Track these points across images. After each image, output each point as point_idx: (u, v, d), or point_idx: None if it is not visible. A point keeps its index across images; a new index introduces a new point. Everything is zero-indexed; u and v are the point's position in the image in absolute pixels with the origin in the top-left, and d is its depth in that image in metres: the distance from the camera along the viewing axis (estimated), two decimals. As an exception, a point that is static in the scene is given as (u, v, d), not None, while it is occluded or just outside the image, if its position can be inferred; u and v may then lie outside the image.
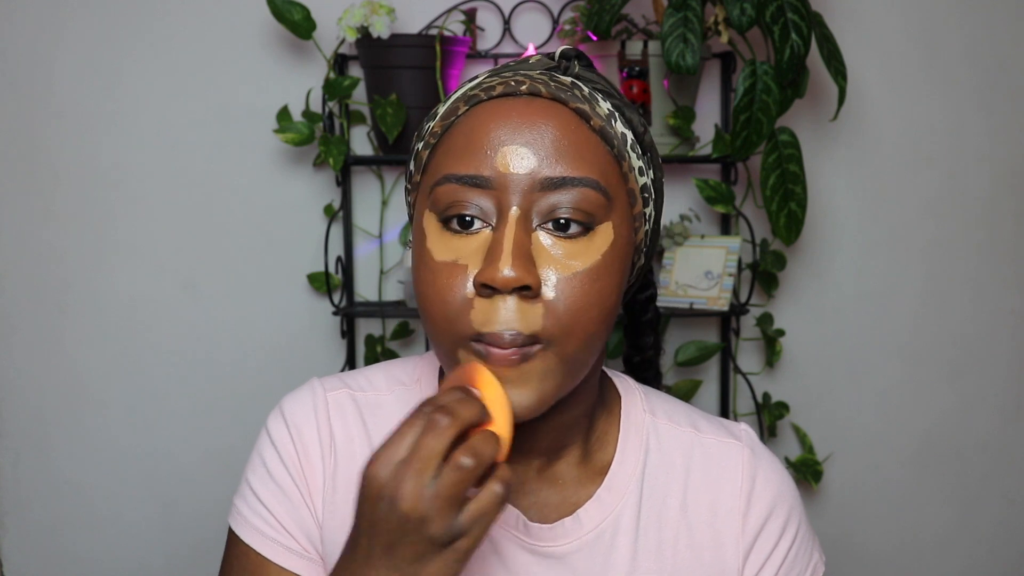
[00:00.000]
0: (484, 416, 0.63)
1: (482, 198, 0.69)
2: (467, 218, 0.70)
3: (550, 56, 0.76)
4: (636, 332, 0.99)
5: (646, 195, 0.75)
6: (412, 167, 0.77)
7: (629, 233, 0.73)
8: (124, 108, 1.78)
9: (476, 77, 0.76)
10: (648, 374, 1.00)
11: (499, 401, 0.65)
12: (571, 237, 0.69)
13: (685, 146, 1.73)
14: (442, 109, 0.75)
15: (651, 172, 0.76)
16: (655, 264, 1.04)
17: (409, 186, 0.79)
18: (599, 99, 0.73)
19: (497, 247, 0.67)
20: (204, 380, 1.84)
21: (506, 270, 0.66)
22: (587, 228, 0.69)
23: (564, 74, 0.75)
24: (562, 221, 0.69)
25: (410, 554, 0.61)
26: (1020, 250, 1.90)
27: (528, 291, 0.67)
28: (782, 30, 1.52)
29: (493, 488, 0.62)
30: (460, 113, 0.73)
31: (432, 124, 0.74)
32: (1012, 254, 1.90)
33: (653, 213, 0.77)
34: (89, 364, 1.83)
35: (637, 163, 0.74)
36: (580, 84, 0.73)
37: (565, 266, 0.69)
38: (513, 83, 0.72)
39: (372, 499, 0.61)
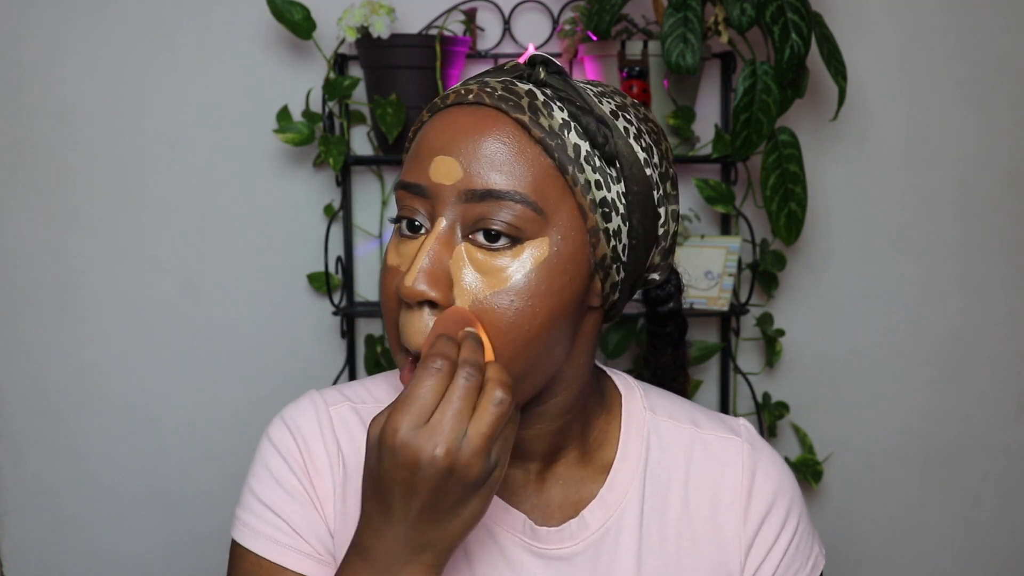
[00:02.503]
0: (484, 351, 0.66)
1: (422, 206, 0.70)
2: (416, 223, 0.71)
3: (528, 63, 0.75)
4: (654, 345, 0.99)
5: (606, 209, 0.71)
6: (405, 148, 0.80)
7: (577, 249, 0.70)
8: (124, 108, 1.78)
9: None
10: (667, 385, 0.99)
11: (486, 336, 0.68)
12: (497, 251, 0.68)
13: (685, 146, 1.73)
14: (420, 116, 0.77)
15: (621, 184, 0.72)
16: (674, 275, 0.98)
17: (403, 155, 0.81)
18: (554, 108, 0.71)
19: (414, 259, 0.68)
20: (204, 380, 1.84)
21: (411, 282, 0.67)
22: (516, 240, 0.68)
23: (527, 80, 0.73)
24: (492, 232, 0.68)
25: (451, 502, 0.64)
26: (1020, 250, 1.90)
27: (435, 306, 0.68)
28: (782, 30, 1.52)
29: (499, 398, 0.63)
30: (424, 120, 0.74)
31: (411, 130, 0.77)
32: (1012, 254, 1.90)
33: (627, 227, 0.73)
34: (89, 363, 1.83)
35: (593, 176, 0.70)
36: (536, 92, 0.71)
37: (487, 283, 0.68)
38: (464, 91, 0.72)
39: (408, 465, 0.62)
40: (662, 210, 0.77)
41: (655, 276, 0.81)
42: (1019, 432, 1.94)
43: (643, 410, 0.85)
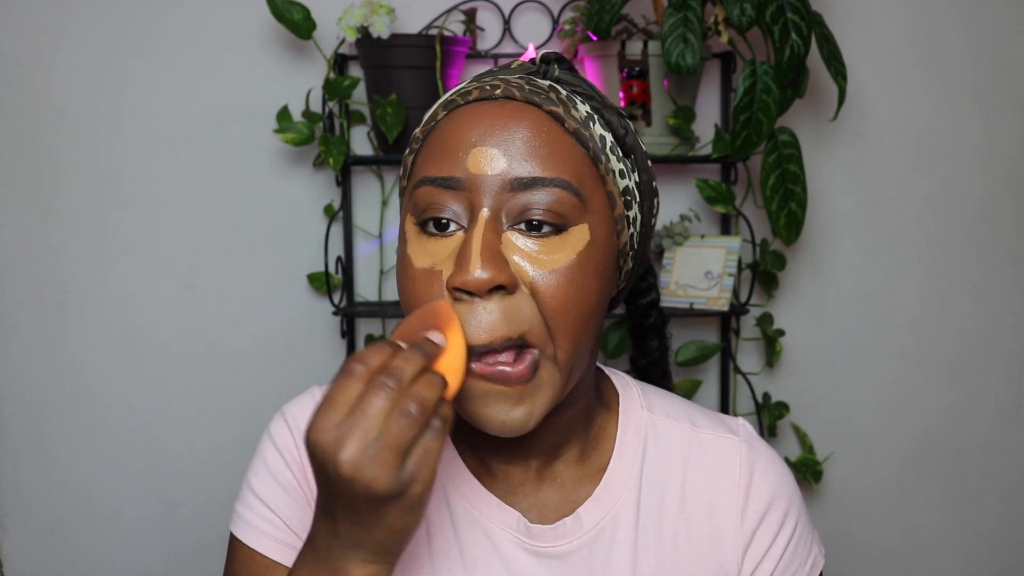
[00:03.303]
0: (428, 361, 0.63)
1: (455, 200, 0.69)
2: (443, 221, 0.70)
3: (532, 61, 0.77)
4: (640, 336, 1.00)
5: (628, 198, 0.74)
6: (401, 172, 0.79)
7: (609, 236, 0.73)
8: (124, 108, 1.78)
9: (461, 83, 0.78)
10: (655, 375, 1.00)
11: (456, 338, 0.64)
12: (544, 236, 0.69)
13: (685, 146, 1.73)
14: (425, 118, 0.76)
15: (636, 175, 0.76)
16: (655, 265, 1.03)
17: (400, 191, 0.80)
18: (577, 102, 0.73)
19: (467, 249, 0.67)
20: (204, 380, 1.84)
21: (477, 271, 0.66)
22: (560, 229, 0.69)
23: (543, 78, 0.75)
24: (534, 222, 0.69)
25: (367, 509, 0.61)
26: (1020, 250, 1.90)
27: (504, 291, 0.67)
28: (782, 30, 1.52)
29: (433, 424, 0.61)
30: (439, 118, 0.74)
31: (416, 130, 0.76)
32: (1012, 254, 1.90)
33: (639, 216, 0.76)
34: (89, 364, 1.83)
35: (617, 165, 0.73)
36: (558, 87, 0.73)
37: (541, 263, 0.68)
38: (488, 87, 0.72)
39: (319, 465, 0.61)
40: (656, 200, 0.81)
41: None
42: (1019, 432, 1.94)
43: (640, 409, 0.85)
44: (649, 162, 0.79)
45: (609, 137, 0.73)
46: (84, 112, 1.78)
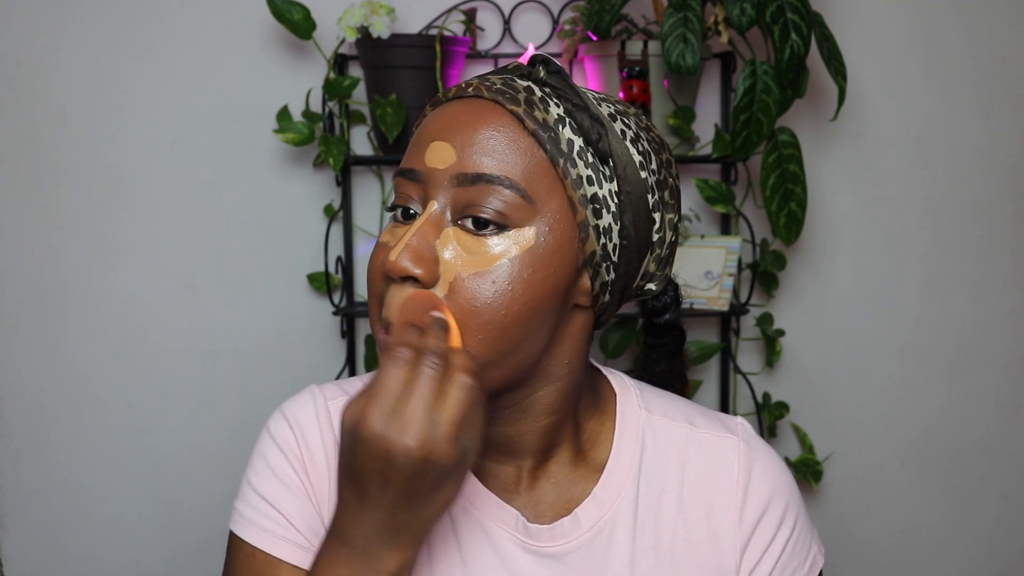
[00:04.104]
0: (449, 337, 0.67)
1: (415, 191, 0.73)
2: (410, 210, 0.73)
3: (530, 62, 0.77)
4: (649, 356, 0.99)
5: (596, 206, 0.72)
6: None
7: (565, 242, 0.71)
8: (124, 108, 1.78)
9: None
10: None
11: (450, 315, 0.69)
12: (482, 235, 0.70)
13: (685, 146, 1.73)
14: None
15: (613, 183, 0.73)
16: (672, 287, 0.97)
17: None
18: (551, 104, 0.73)
19: (402, 237, 0.71)
20: (204, 380, 1.84)
21: (396, 257, 0.69)
22: (502, 228, 0.70)
23: (527, 79, 0.75)
24: (481, 219, 0.70)
25: (426, 489, 0.64)
26: (1020, 250, 1.90)
27: (416, 282, 0.70)
28: (782, 30, 1.52)
29: (464, 383, 0.64)
30: (426, 115, 0.77)
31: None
32: (1012, 254, 1.90)
33: (619, 227, 0.73)
34: (89, 364, 1.83)
35: (585, 171, 0.72)
36: (535, 88, 0.74)
37: (469, 263, 0.70)
38: (465, 85, 0.75)
39: (382, 456, 0.62)
40: (657, 215, 0.77)
41: (651, 286, 0.82)
42: (1019, 432, 1.94)
43: (638, 409, 0.84)
44: (645, 175, 0.76)
45: (579, 141, 0.72)
46: (84, 112, 1.78)
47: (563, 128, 0.72)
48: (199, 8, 1.77)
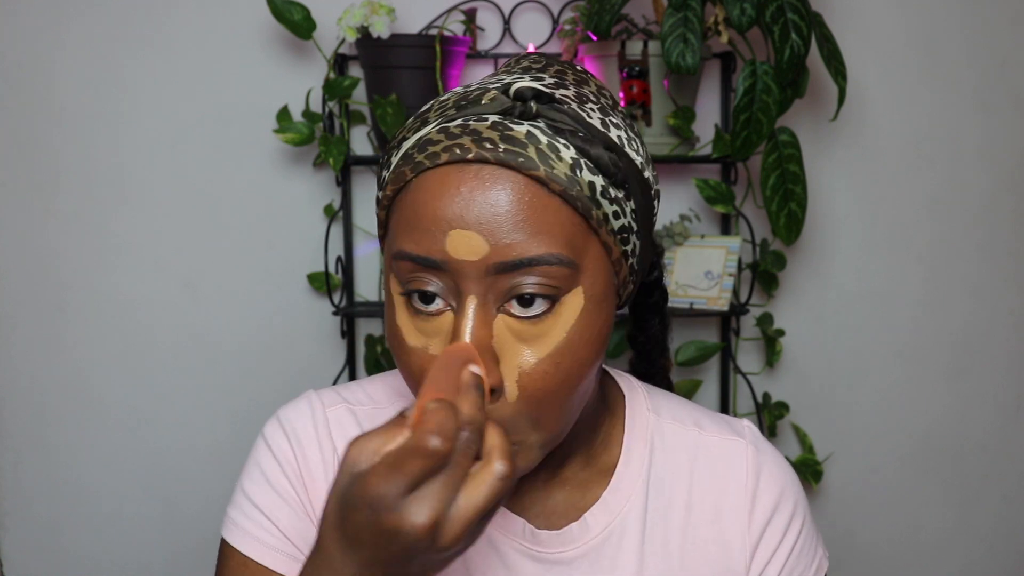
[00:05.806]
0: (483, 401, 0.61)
1: (439, 278, 0.65)
2: (429, 293, 0.66)
3: (505, 94, 0.68)
4: (641, 316, 0.97)
5: (625, 235, 0.69)
6: (377, 198, 0.73)
7: (608, 283, 0.69)
8: (124, 108, 1.78)
9: (426, 123, 0.69)
10: (653, 352, 0.98)
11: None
12: (535, 318, 0.65)
13: (685, 146, 1.73)
14: (392, 164, 0.69)
15: (631, 202, 0.70)
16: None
17: (378, 210, 0.73)
18: (560, 147, 0.65)
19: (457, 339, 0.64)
20: (204, 380, 1.84)
21: (484, 375, 0.62)
22: (553, 300, 0.65)
23: (520, 117, 0.66)
24: (526, 296, 0.65)
25: (417, 566, 0.58)
26: (1020, 250, 1.90)
27: (492, 393, 0.65)
28: (782, 30, 1.52)
29: (501, 472, 0.57)
30: (408, 180, 0.67)
31: (383, 190, 0.69)
32: (1012, 254, 1.90)
33: (638, 242, 0.71)
34: (89, 364, 1.83)
35: (610, 208, 0.67)
36: (537, 131, 0.65)
37: (532, 351, 0.65)
38: (458, 149, 0.64)
39: (388, 532, 0.55)
40: (656, 202, 0.76)
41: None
42: (1018, 432, 1.94)
43: (647, 412, 0.84)
44: (642, 165, 0.72)
45: (599, 181, 0.66)
46: (85, 112, 1.78)
47: (581, 172, 0.65)
48: (199, 8, 1.77)
